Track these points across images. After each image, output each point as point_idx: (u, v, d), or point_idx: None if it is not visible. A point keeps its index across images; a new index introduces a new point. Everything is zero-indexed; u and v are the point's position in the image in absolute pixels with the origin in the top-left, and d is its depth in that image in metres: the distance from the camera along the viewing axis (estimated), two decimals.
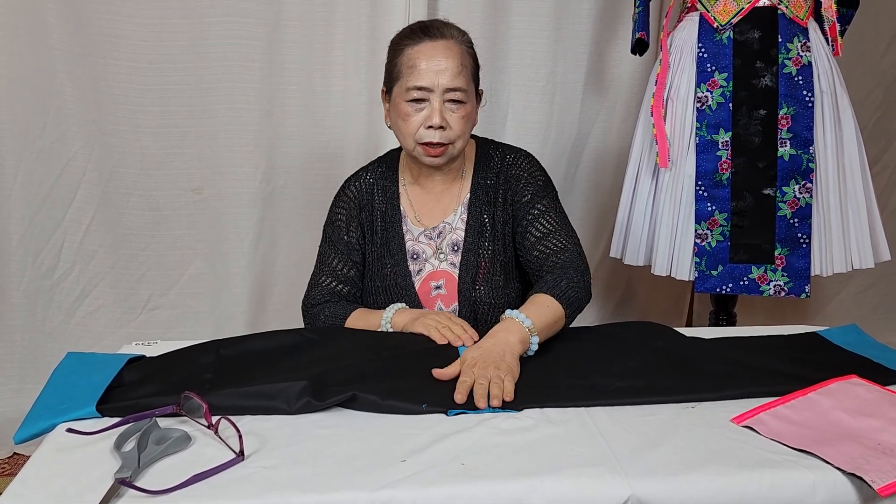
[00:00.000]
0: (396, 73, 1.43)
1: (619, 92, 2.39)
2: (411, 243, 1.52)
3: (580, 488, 0.94)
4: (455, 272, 1.50)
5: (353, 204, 1.55)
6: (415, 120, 1.42)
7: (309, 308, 1.54)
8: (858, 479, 0.95)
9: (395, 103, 1.44)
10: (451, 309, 1.51)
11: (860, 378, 1.20)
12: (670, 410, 1.12)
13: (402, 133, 1.45)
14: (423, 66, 1.41)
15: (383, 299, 1.51)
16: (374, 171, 1.58)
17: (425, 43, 1.43)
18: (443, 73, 1.40)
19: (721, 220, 1.90)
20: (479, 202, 1.51)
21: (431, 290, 1.51)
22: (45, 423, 1.09)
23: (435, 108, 1.40)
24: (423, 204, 1.54)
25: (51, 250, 2.20)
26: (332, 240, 1.55)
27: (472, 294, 1.48)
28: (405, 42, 1.44)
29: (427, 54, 1.41)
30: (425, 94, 1.41)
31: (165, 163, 2.19)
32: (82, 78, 2.10)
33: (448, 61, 1.41)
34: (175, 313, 2.31)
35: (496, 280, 1.49)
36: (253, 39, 2.14)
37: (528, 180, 1.51)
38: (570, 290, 1.37)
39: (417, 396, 1.12)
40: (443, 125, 1.41)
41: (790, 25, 1.86)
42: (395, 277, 1.50)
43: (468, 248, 1.49)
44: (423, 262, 1.51)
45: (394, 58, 1.45)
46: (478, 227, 1.50)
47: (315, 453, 1.00)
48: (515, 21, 2.25)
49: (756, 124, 1.87)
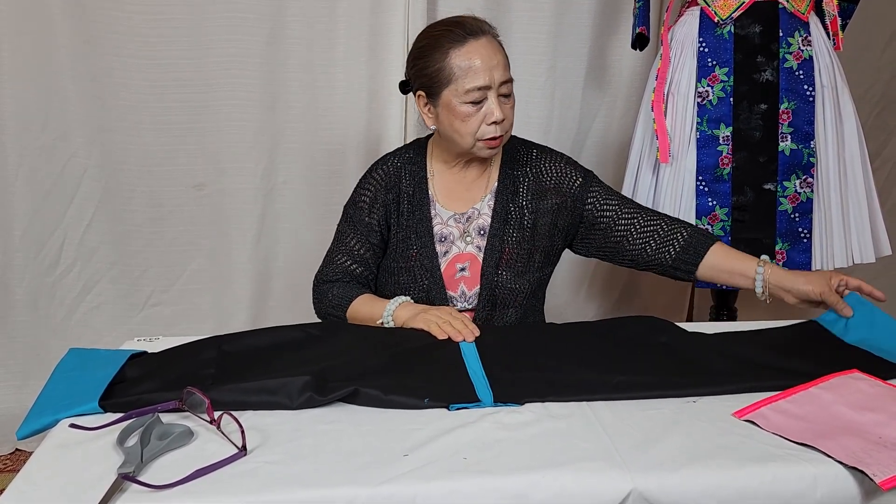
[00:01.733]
0: (447, 77, 1.42)
1: (620, 87, 2.39)
2: (440, 227, 1.54)
3: (582, 483, 0.94)
4: (480, 255, 1.52)
5: (381, 185, 1.55)
6: (475, 119, 1.43)
7: (320, 284, 1.55)
8: (860, 472, 0.95)
9: (450, 106, 1.44)
10: (473, 292, 1.52)
11: (861, 372, 1.20)
12: (672, 405, 1.13)
13: (459, 133, 1.45)
14: (479, 66, 1.41)
15: (406, 279, 1.53)
16: (402, 156, 1.59)
17: (471, 42, 1.42)
18: (496, 69, 1.42)
19: (722, 215, 1.90)
20: (506, 191, 1.54)
21: (456, 272, 1.53)
22: (48, 419, 1.09)
23: (494, 104, 1.42)
24: (453, 191, 1.56)
25: (53, 247, 2.20)
26: (352, 220, 1.56)
27: (494, 278, 1.51)
28: (447, 44, 1.43)
29: (478, 53, 1.42)
30: (484, 93, 1.42)
31: (167, 159, 2.19)
32: (85, 74, 2.10)
33: (497, 56, 1.44)
34: (177, 309, 2.31)
35: (518, 267, 1.52)
36: (255, 36, 2.13)
37: (569, 168, 1.56)
38: (703, 230, 1.56)
39: (419, 391, 1.13)
40: (503, 119, 1.44)
41: (791, 20, 1.86)
42: (420, 259, 1.52)
43: (494, 233, 1.52)
44: (449, 244, 1.53)
45: (438, 61, 1.43)
46: (504, 214, 1.53)
47: (317, 448, 1.00)
48: (516, 16, 2.25)
49: (757, 119, 1.87)
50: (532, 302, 1.57)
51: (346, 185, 1.64)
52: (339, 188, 2.15)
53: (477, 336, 1.33)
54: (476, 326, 1.35)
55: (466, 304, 1.53)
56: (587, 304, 2.58)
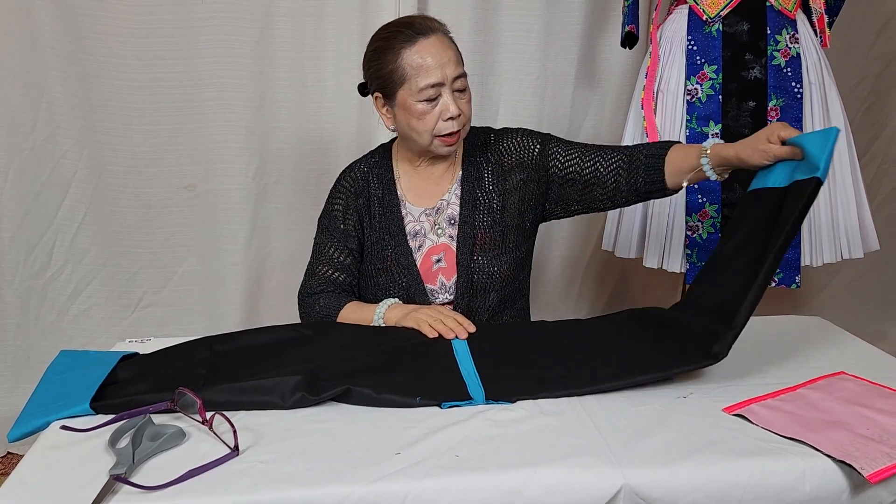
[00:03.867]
0: (400, 77, 1.44)
1: (610, 85, 2.39)
2: (412, 224, 1.55)
3: (574, 478, 0.95)
4: (453, 244, 1.53)
5: (350, 192, 1.57)
6: (431, 116, 1.45)
7: (305, 297, 1.56)
8: (848, 466, 0.96)
9: (406, 105, 1.45)
10: (451, 282, 1.53)
11: (848, 374, 1.23)
12: (663, 400, 1.13)
13: (417, 132, 1.47)
14: (430, 63, 1.42)
15: (384, 280, 1.53)
16: (368, 161, 1.61)
17: (421, 41, 1.44)
18: (447, 66, 1.43)
19: (712, 212, 1.91)
20: (471, 178, 1.55)
21: (433, 265, 1.53)
22: (39, 421, 1.09)
23: (448, 99, 1.44)
24: (421, 188, 1.57)
25: (43, 248, 2.19)
26: (328, 229, 1.57)
27: (470, 264, 1.52)
28: (398, 45, 1.44)
29: (428, 51, 1.43)
30: (438, 90, 1.43)
31: (157, 160, 2.19)
32: (72, 75, 2.09)
33: (448, 52, 1.45)
34: (168, 310, 2.30)
35: (492, 250, 1.53)
36: (243, 35, 2.13)
37: (525, 140, 1.57)
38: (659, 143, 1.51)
39: (411, 390, 1.13)
40: (459, 114, 1.45)
41: (778, 17, 1.87)
42: (396, 257, 1.53)
43: (464, 220, 1.53)
44: (422, 239, 1.54)
45: (391, 62, 1.45)
46: (471, 200, 1.54)
47: (310, 447, 1.01)
48: (506, 14, 2.25)
49: (746, 116, 1.88)
50: (515, 284, 1.57)
51: None
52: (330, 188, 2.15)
53: (471, 333, 1.33)
54: (470, 323, 1.36)
55: (448, 296, 1.53)
56: (579, 302, 2.59)
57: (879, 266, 2.70)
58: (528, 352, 1.28)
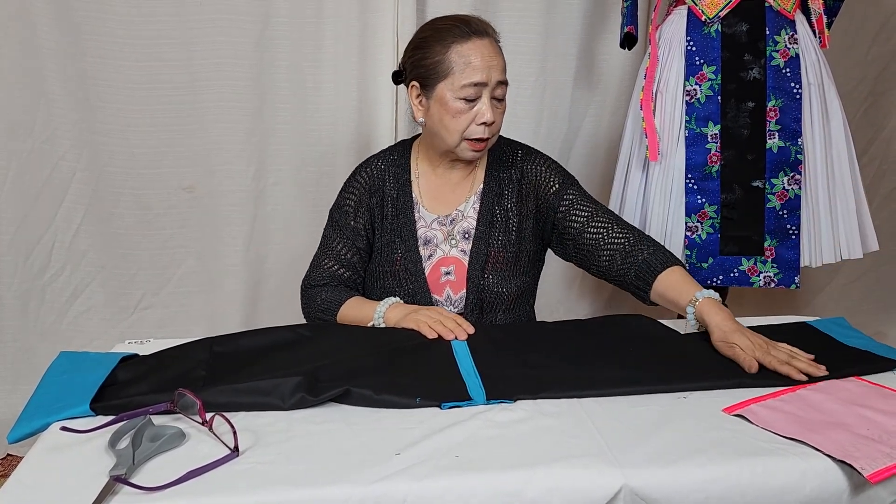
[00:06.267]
0: (444, 70, 1.43)
1: (609, 86, 2.40)
2: (424, 230, 1.54)
3: (574, 479, 0.95)
4: (465, 259, 1.52)
5: (364, 189, 1.56)
6: (466, 117, 1.44)
7: (308, 289, 1.55)
8: (848, 466, 0.96)
9: (443, 100, 1.44)
10: (458, 296, 1.52)
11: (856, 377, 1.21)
12: (663, 401, 1.13)
13: (447, 129, 1.45)
14: (478, 63, 1.42)
15: (391, 283, 1.52)
16: (386, 158, 1.59)
17: (474, 40, 1.44)
18: (494, 69, 1.43)
19: (711, 213, 1.91)
20: (491, 193, 1.54)
21: (441, 276, 1.53)
22: (39, 423, 1.09)
23: (486, 105, 1.43)
24: (437, 192, 1.56)
25: (42, 250, 2.19)
26: (338, 224, 1.56)
27: (480, 282, 1.51)
28: (450, 38, 1.44)
29: (479, 51, 1.43)
30: (479, 91, 1.42)
31: (156, 161, 2.19)
32: (71, 77, 2.09)
33: (497, 58, 1.45)
34: (168, 312, 2.30)
35: (505, 270, 1.52)
36: (243, 37, 2.13)
37: (549, 172, 1.55)
38: (665, 251, 1.46)
39: (411, 390, 1.13)
40: (493, 122, 1.44)
41: (777, 18, 1.87)
42: (405, 262, 1.52)
43: (479, 236, 1.52)
44: (433, 248, 1.53)
45: (438, 54, 1.44)
46: (489, 217, 1.53)
47: (309, 448, 1.01)
48: (505, 16, 2.26)
49: (745, 117, 1.88)
50: (521, 304, 1.57)
51: (336, 186, 1.63)
52: (330, 189, 2.14)
53: (471, 334, 1.33)
54: (469, 324, 1.36)
55: (453, 308, 1.53)
56: (579, 303, 2.59)
57: (879, 266, 2.70)
58: (528, 352, 1.28)
